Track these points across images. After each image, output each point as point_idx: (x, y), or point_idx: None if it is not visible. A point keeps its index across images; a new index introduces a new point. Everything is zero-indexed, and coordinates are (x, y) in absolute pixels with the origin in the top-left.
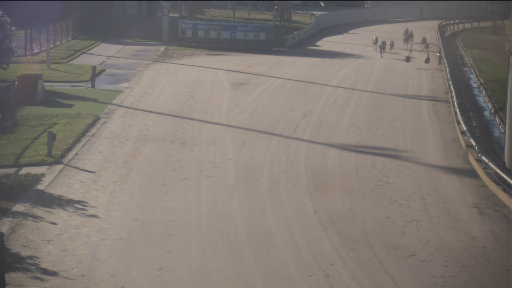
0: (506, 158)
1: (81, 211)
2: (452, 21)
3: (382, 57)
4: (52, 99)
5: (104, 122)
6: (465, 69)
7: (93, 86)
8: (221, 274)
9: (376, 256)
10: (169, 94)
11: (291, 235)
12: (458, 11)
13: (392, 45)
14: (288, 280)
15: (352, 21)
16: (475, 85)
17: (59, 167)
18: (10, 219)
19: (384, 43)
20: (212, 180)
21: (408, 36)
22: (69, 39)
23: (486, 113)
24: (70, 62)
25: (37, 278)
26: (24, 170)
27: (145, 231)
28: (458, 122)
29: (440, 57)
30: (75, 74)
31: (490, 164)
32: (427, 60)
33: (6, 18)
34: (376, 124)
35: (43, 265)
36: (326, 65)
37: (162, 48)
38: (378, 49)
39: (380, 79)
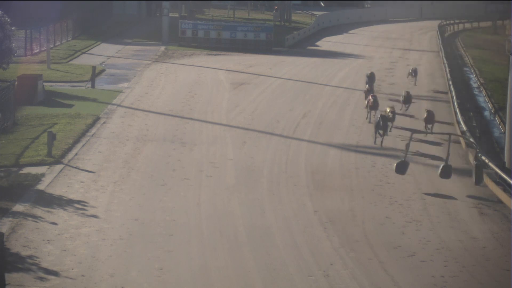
0: (506, 158)
1: (81, 211)
2: (452, 21)
3: (375, 143)
4: (52, 99)
5: (104, 122)
6: (465, 69)
7: (93, 86)
8: (221, 274)
9: (376, 256)
10: (169, 94)
11: (291, 235)
12: (458, 11)
13: (392, 116)
14: (288, 280)
15: (352, 21)
16: (475, 85)
17: (59, 167)
18: (10, 219)
19: (382, 121)
20: (212, 180)
21: (413, 73)
22: (69, 39)
23: (486, 113)
24: (70, 62)
25: (37, 278)
26: (24, 170)
27: (145, 231)
28: (458, 122)
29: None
30: (75, 74)
31: (490, 164)
32: (445, 173)
33: (6, 18)
34: None
35: (43, 265)
36: (326, 65)
37: (162, 48)
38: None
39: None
